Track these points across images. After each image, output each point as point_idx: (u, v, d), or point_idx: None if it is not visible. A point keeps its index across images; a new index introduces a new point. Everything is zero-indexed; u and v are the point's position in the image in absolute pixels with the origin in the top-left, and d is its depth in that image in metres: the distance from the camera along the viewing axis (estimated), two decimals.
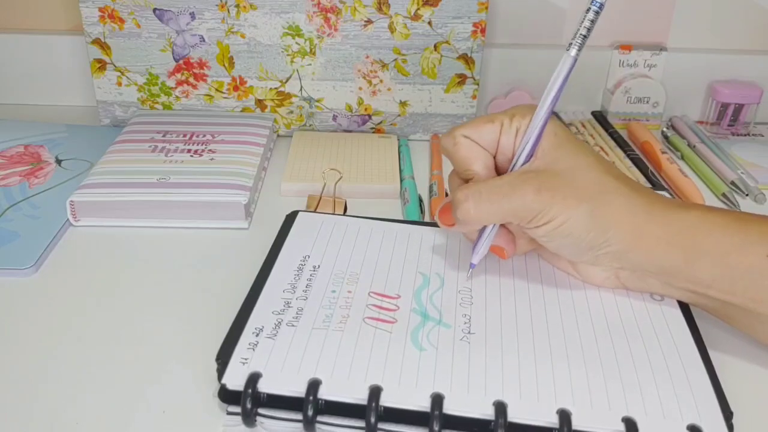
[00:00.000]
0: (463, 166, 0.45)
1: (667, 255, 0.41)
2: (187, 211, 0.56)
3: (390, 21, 0.67)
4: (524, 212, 0.41)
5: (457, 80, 0.70)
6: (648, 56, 0.76)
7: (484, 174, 0.44)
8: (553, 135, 0.43)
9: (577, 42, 0.42)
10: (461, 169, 0.45)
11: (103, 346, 0.44)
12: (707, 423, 0.35)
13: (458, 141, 0.44)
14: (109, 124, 0.73)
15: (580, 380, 0.38)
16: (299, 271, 0.46)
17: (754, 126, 0.75)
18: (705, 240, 0.40)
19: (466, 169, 0.44)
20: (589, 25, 0.42)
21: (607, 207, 0.41)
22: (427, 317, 0.42)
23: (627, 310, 0.44)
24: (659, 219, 0.41)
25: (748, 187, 0.63)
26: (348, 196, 0.60)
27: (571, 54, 0.42)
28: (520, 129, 0.43)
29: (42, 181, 0.61)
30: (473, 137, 0.44)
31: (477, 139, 0.44)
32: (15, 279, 0.50)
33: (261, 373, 0.37)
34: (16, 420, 0.38)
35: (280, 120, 0.72)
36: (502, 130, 0.44)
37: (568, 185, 0.41)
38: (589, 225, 0.41)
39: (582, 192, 0.41)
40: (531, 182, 0.41)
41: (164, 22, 0.68)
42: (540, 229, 0.41)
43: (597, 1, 0.42)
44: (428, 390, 0.37)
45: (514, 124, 0.43)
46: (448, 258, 0.48)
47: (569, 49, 0.42)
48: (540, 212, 0.40)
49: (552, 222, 0.41)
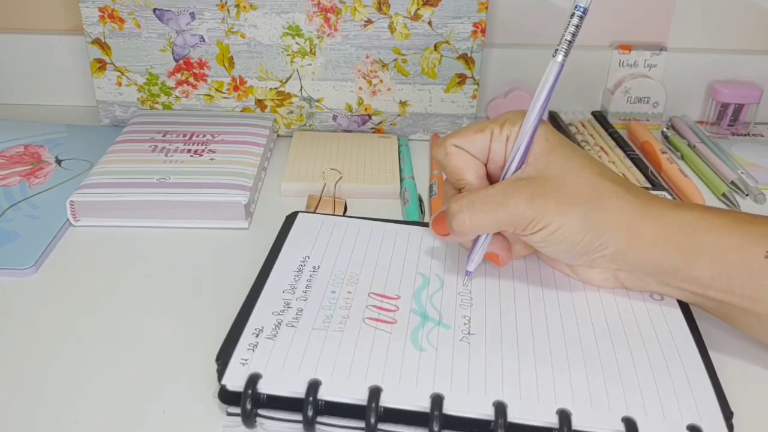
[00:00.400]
0: (456, 176, 0.45)
1: (665, 254, 0.41)
2: (187, 211, 0.56)
3: (390, 21, 0.67)
4: (518, 220, 0.41)
5: (457, 80, 0.70)
6: (648, 56, 0.76)
7: (476, 183, 0.44)
8: (543, 140, 0.43)
9: (563, 47, 0.42)
10: (453, 179, 0.45)
11: (103, 347, 0.44)
12: (707, 423, 0.35)
13: (449, 151, 0.44)
14: (109, 124, 0.73)
15: (579, 380, 0.38)
16: (299, 272, 0.46)
17: (754, 126, 0.75)
18: (703, 239, 0.40)
19: (458, 179, 0.45)
20: (573, 30, 0.42)
21: (601, 210, 0.41)
22: (426, 318, 0.42)
23: (627, 310, 0.44)
24: (655, 218, 0.41)
25: (748, 187, 0.63)
26: (348, 196, 0.60)
27: (558, 60, 0.42)
28: (511, 136, 0.43)
29: (42, 181, 0.61)
30: (464, 146, 0.44)
31: (468, 148, 0.44)
32: (15, 279, 0.50)
33: (261, 374, 0.37)
34: (17, 420, 0.38)
35: (280, 120, 0.72)
36: (492, 138, 0.44)
37: (560, 190, 0.41)
38: (583, 229, 0.41)
39: (574, 196, 0.41)
40: (523, 190, 0.41)
41: (164, 22, 0.68)
42: (535, 235, 0.41)
43: (580, 6, 0.41)
44: (428, 390, 0.37)
45: (504, 132, 0.43)
46: (448, 259, 0.48)
47: (555, 54, 0.42)
48: (534, 219, 0.41)
49: (546, 228, 0.41)
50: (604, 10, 0.75)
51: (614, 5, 0.75)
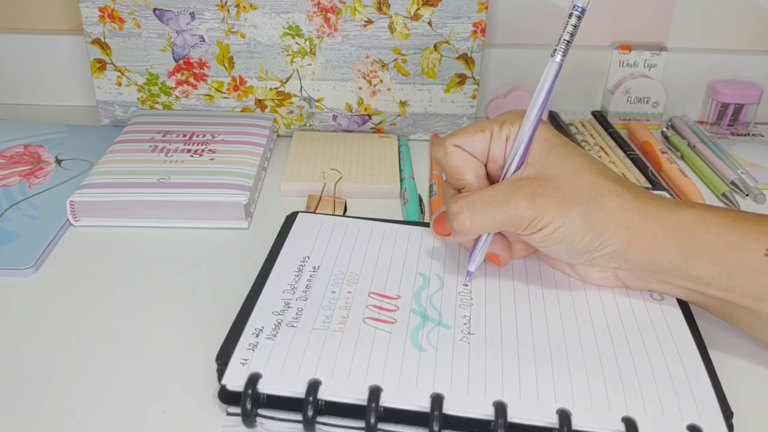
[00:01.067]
0: (456, 176, 0.45)
1: (665, 253, 0.41)
2: (187, 211, 0.56)
3: (390, 21, 0.67)
4: (519, 220, 0.41)
5: (457, 80, 0.70)
6: (648, 56, 0.76)
7: (476, 183, 0.44)
8: (543, 140, 0.43)
9: (561, 47, 0.42)
10: (453, 179, 0.45)
11: (103, 346, 0.44)
12: (707, 423, 0.35)
13: (449, 151, 0.44)
14: (109, 124, 0.73)
15: (579, 380, 0.38)
16: (299, 272, 0.46)
17: (754, 126, 0.75)
18: (703, 237, 0.40)
19: (458, 179, 0.45)
20: (572, 30, 0.42)
21: (601, 209, 0.41)
22: (426, 318, 0.42)
23: (627, 309, 0.44)
24: (655, 217, 0.41)
25: (748, 187, 0.63)
26: (348, 196, 0.60)
27: (556, 60, 0.42)
28: (510, 136, 0.43)
29: (42, 181, 0.61)
30: (464, 146, 0.44)
31: (468, 149, 0.44)
32: (15, 279, 0.50)
33: (261, 374, 0.37)
34: (17, 420, 0.38)
35: (280, 120, 0.72)
36: (492, 139, 0.44)
37: (560, 190, 0.41)
38: (583, 228, 0.41)
39: (575, 196, 0.41)
40: (524, 190, 0.41)
41: (164, 22, 0.68)
42: (535, 235, 0.41)
43: (578, 6, 0.41)
44: (428, 390, 0.37)
45: (504, 132, 0.44)
46: (448, 259, 0.48)
47: (554, 55, 0.42)
48: (534, 219, 0.41)
49: (547, 228, 0.41)
50: (604, 10, 0.75)
51: (614, 5, 0.75)
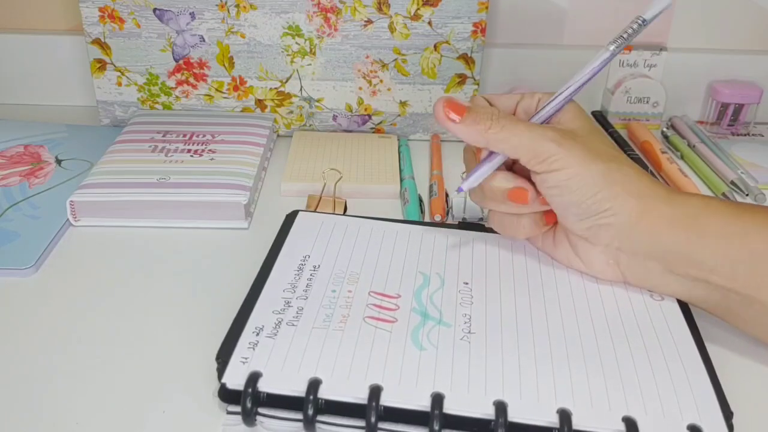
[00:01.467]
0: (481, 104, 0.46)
1: (671, 235, 0.41)
2: (187, 211, 0.56)
3: (390, 21, 0.67)
4: (541, 150, 0.42)
5: (457, 80, 0.70)
6: (648, 56, 0.76)
7: None
8: (575, 108, 0.45)
9: (618, 41, 0.45)
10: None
11: (103, 346, 0.44)
12: (707, 423, 0.35)
13: (475, 97, 0.47)
14: (109, 124, 0.73)
15: (580, 380, 0.38)
16: (299, 271, 0.46)
17: (754, 126, 0.76)
18: (708, 222, 0.41)
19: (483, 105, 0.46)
20: (631, 32, 0.44)
21: (620, 172, 0.42)
22: (427, 317, 0.42)
23: (627, 309, 0.44)
24: (664, 199, 0.42)
25: (748, 187, 0.63)
26: (348, 196, 0.60)
27: (610, 48, 0.45)
28: (542, 99, 0.46)
29: (42, 181, 0.61)
30: (491, 100, 0.47)
31: (494, 102, 0.47)
32: (15, 279, 0.50)
33: (261, 373, 0.37)
34: (16, 420, 0.38)
35: (280, 120, 0.72)
36: (522, 99, 0.47)
37: (587, 146, 0.43)
38: (599, 183, 0.42)
39: (599, 155, 0.42)
40: (553, 130, 0.43)
41: (164, 22, 0.68)
42: (551, 175, 0.42)
43: (643, 18, 0.44)
44: (428, 389, 0.37)
45: (536, 96, 0.46)
46: (448, 257, 0.48)
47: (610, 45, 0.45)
48: (555, 155, 0.42)
49: (564, 170, 0.42)
50: (605, 10, 0.75)
51: (614, 5, 0.75)
